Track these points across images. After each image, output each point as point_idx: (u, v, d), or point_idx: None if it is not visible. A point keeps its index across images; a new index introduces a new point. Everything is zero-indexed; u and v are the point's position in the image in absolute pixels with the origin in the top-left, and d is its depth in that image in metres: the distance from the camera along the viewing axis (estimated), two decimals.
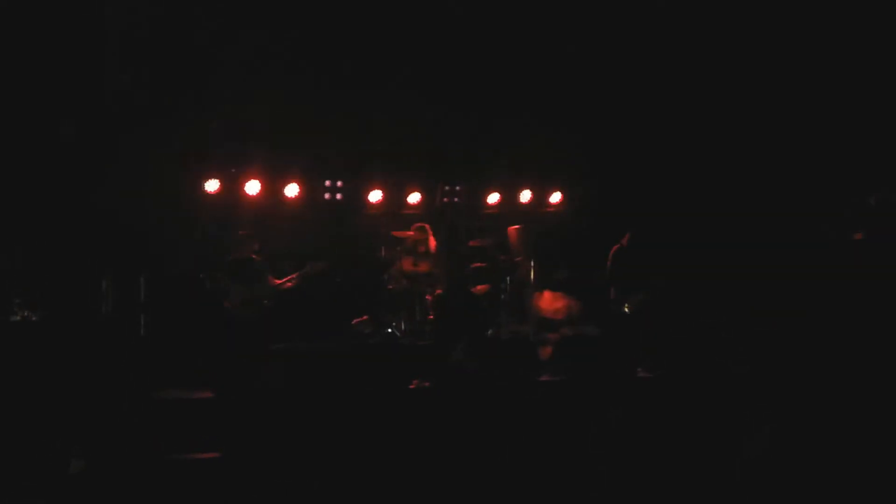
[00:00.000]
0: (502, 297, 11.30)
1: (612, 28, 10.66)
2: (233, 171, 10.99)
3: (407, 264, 11.02)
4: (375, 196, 11.76)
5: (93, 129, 9.40)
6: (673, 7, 10.48)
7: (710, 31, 10.54)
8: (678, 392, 8.20)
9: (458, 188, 12.19)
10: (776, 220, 10.65)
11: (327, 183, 11.57)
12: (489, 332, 10.57)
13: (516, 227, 11.59)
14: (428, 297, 10.92)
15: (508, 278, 11.36)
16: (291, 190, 11.30)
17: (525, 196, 12.39)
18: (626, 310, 10.00)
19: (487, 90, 11.12)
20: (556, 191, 12.53)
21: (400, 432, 7.64)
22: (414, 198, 11.97)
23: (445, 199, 12.17)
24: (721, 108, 10.94)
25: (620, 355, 9.24)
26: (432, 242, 11.25)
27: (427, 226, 11.32)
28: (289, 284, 10.29)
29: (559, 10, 10.59)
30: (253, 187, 11.06)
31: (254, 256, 10.24)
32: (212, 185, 10.87)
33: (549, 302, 10.91)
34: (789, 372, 8.15)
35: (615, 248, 10.59)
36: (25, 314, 8.47)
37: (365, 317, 10.91)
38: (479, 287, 11.12)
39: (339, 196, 11.65)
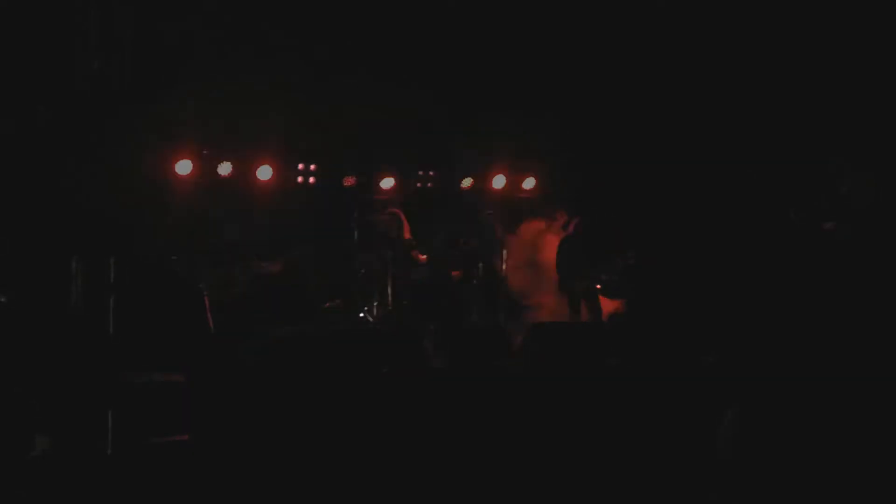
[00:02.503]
0: (474, 282, 11.31)
1: (585, 14, 10.65)
2: (205, 153, 10.91)
3: (380, 249, 11.00)
4: (349, 180, 11.74)
5: (62, 113, 9.30)
6: None
7: (683, 17, 10.56)
8: (645, 381, 8.24)
9: (431, 173, 12.20)
10: (745, 207, 10.72)
11: (300, 166, 11.52)
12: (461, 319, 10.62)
13: (488, 212, 11.61)
14: (401, 281, 10.92)
15: (481, 264, 11.37)
16: (264, 173, 11.24)
17: (499, 181, 12.42)
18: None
19: (462, 74, 11.10)
20: (529, 176, 12.58)
21: (371, 418, 7.65)
22: (387, 183, 11.95)
23: (419, 185, 12.17)
24: (692, 95, 10.98)
25: (593, 342, 9.30)
26: (406, 227, 11.25)
27: (400, 211, 11.31)
28: (273, 268, 10.25)
29: None
30: (225, 169, 10.98)
31: (237, 238, 10.22)
32: (184, 167, 10.78)
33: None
34: (758, 361, 8.20)
35: (562, 236, 10.74)
36: None
37: (337, 301, 10.89)
38: (452, 273, 11.14)
39: (312, 179, 11.61)
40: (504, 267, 11.35)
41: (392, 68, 10.74)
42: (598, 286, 10.50)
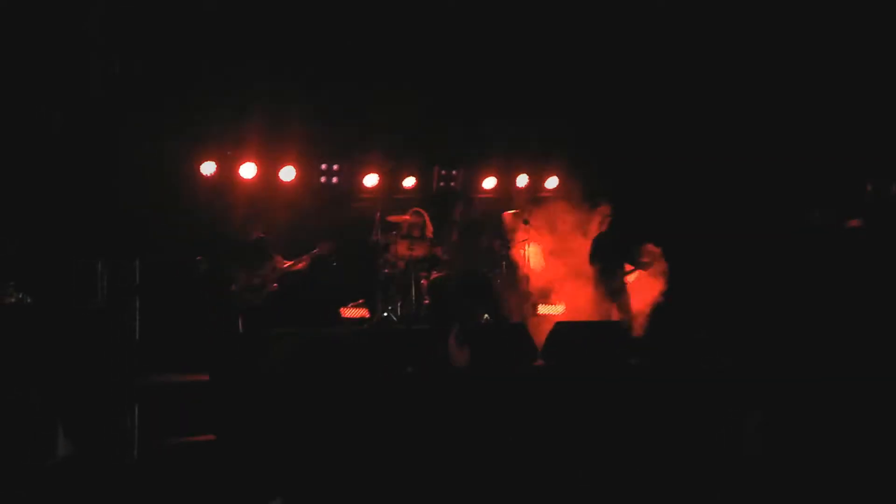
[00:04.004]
0: (498, 281, 11.30)
1: (605, 14, 10.61)
2: (229, 153, 10.95)
3: (402, 248, 11.01)
4: (371, 180, 11.76)
5: (86, 115, 9.38)
6: None
7: (704, 19, 10.50)
8: (668, 382, 8.21)
9: (454, 172, 12.21)
10: (770, 206, 10.66)
11: (323, 166, 11.54)
12: (485, 316, 10.61)
13: (512, 211, 11.59)
14: (424, 281, 10.92)
15: (504, 263, 11.35)
16: (287, 173, 11.27)
17: (522, 180, 12.40)
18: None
19: (484, 74, 11.08)
20: (552, 175, 12.56)
21: (394, 418, 7.66)
22: (410, 182, 11.96)
23: (441, 184, 12.18)
24: (715, 95, 10.92)
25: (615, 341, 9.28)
26: (429, 227, 11.26)
27: (423, 210, 11.32)
28: (299, 266, 10.27)
29: None
30: (249, 171, 11.02)
31: (261, 236, 10.24)
32: (207, 168, 10.84)
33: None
34: (780, 365, 8.15)
35: (597, 234, 10.72)
36: (20, 297, 8.46)
37: (361, 301, 10.92)
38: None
39: (335, 180, 11.63)
40: (528, 265, 11.33)
41: (415, 66, 10.74)
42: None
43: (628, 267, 10.58)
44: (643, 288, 10.58)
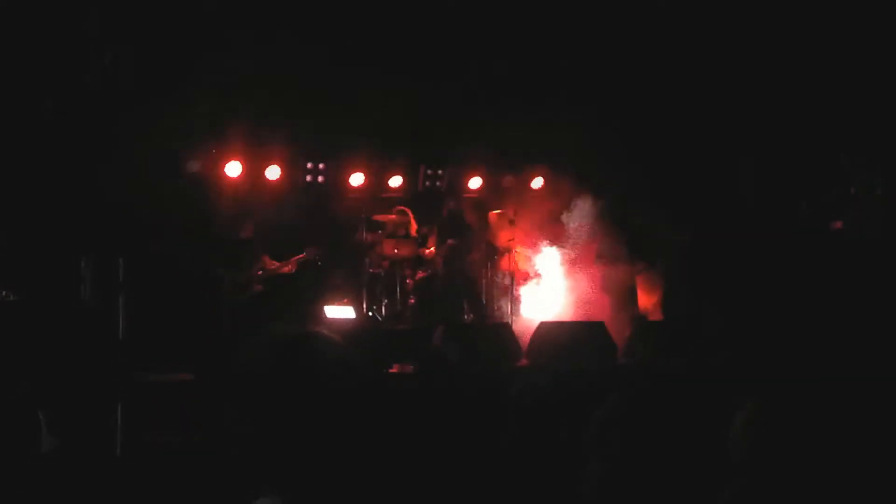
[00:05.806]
0: (485, 281, 11.30)
1: (592, 11, 10.63)
2: (213, 151, 10.90)
3: (388, 248, 11.01)
4: (357, 179, 11.72)
5: (73, 110, 9.33)
6: None
7: (694, 16, 10.52)
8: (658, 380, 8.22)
9: (440, 172, 12.19)
10: (756, 204, 10.70)
11: (309, 165, 11.51)
12: (468, 317, 10.62)
13: (497, 211, 11.58)
14: (409, 280, 10.92)
15: (490, 263, 11.35)
16: (272, 172, 11.22)
17: (508, 181, 12.39)
18: None
19: (471, 72, 11.08)
20: (538, 175, 12.54)
21: (380, 418, 7.63)
22: (396, 181, 11.94)
23: (427, 183, 12.16)
24: (703, 93, 10.94)
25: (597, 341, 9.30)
26: (413, 226, 11.26)
27: (408, 209, 11.32)
28: (286, 269, 10.24)
29: None
30: (233, 169, 10.98)
31: (247, 235, 10.23)
32: (193, 166, 10.79)
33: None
34: (771, 362, 8.16)
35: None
36: (3, 294, 8.41)
37: (345, 300, 10.90)
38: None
39: (320, 179, 11.59)
40: (515, 265, 11.32)
41: (401, 65, 10.73)
42: None
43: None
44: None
